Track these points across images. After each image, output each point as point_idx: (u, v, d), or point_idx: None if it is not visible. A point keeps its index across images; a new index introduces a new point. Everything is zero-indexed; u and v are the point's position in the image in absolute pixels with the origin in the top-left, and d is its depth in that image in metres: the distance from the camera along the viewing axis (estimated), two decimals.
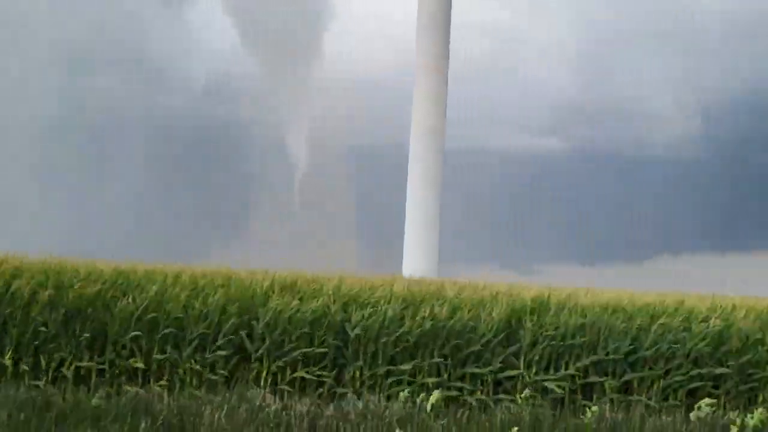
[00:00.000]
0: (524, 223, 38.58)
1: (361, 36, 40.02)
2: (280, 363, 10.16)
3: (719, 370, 10.56)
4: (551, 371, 10.42)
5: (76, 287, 10.15)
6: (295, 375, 10.14)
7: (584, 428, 9.36)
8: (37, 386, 9.57)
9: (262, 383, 10.07)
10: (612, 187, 39.33)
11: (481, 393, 10.24)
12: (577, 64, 39.72)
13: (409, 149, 21.06)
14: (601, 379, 10.45)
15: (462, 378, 10.34)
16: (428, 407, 9.44)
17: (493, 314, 10.46)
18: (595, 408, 9.69)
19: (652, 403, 10.26)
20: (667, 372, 10.52)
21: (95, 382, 9.87)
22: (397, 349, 10.28)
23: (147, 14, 39.12)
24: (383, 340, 10.22)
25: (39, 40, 36.72)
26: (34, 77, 36.80)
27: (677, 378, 10.48)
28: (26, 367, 9.78)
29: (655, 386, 10.47)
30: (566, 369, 10.39)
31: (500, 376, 10.36)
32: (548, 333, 10.41)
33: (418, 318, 10.34)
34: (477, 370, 10.31)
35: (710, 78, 38.57)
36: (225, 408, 8.92)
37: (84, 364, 9.94)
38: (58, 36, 37.65)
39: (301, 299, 10.56)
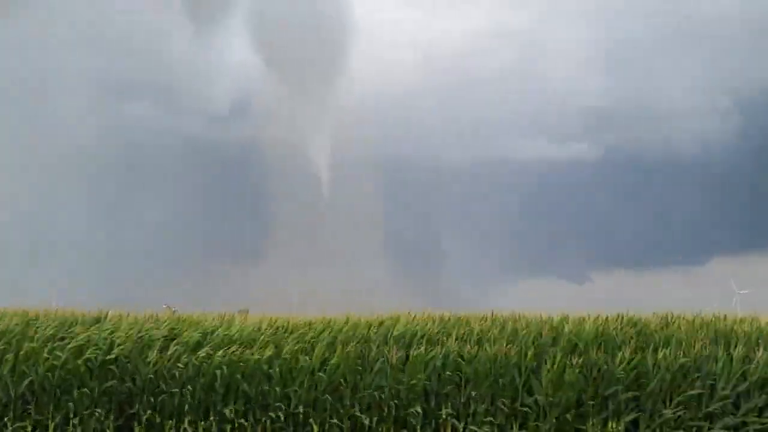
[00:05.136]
0: (568, 232, 37.76)
1: (385, 52, 40.01)
2: None
3: None
4: None
5: None
6: None
7: None
8: None
9: None
10: (648, 191, 38.56)
11: None
12: (603, 67, 39.12)
13: None
14: None
15: None
16: None
17: None
18: None
19: None
20: None
21: None
22: None
23: (174, 40, 39.73)
24: None
25: (70, 69, 37.42)
26: (68, 107, 37.52)
27: None
28: None
29: None
30: None
31: None
32: None
33: None
34: None
35: (739, 77, 37.65)
36: None
37: None
38: (90, 64, 38.36)
39: None
